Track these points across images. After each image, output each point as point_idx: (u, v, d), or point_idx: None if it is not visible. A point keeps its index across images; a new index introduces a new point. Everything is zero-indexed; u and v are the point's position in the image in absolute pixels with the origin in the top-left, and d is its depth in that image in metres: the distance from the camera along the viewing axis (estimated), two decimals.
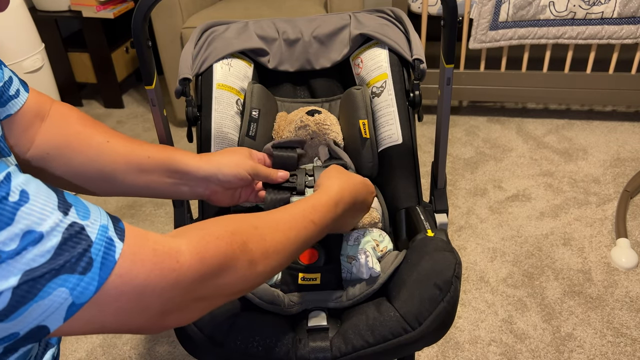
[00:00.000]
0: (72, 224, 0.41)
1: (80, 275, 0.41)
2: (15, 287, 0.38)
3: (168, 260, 0.47)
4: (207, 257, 0.50)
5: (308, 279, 0.85)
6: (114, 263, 0.43)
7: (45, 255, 0.39)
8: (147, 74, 0.93)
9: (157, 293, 0.46)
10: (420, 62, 0.99)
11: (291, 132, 0.99)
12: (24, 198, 0.40)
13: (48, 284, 0.39)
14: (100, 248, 0.42)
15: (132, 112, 2.63)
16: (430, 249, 0.80)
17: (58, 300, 0.40)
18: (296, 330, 0.77)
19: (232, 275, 0.53)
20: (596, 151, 2.13)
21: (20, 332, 0.40)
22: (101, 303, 0.43)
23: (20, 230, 0.38)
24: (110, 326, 0.45)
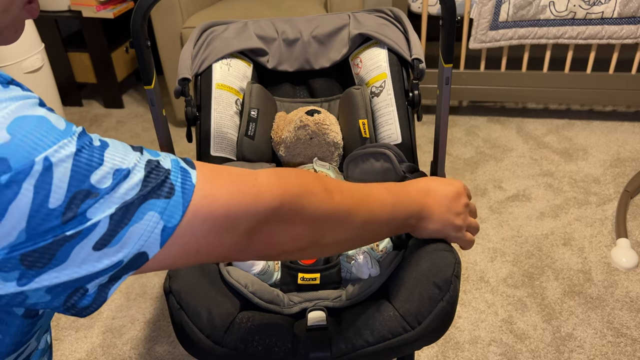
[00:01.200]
0: (149, 160, 0.46)
1: (166, 199, 0.45)
2: (111, 214, 0.43)
3: (247, 179, 0.52)
4: (283, 177, 0.54)
5: (307, 279, 0.85)
6: (193, 186, 0.47)
7: (135, 188, 0.44)
8: (147, 74, 0.93)
9: (243, 208, 0.50)
10: (420, 62, 0.99)
11: (290, 132, 0.99)
12: (104, 144, 0.45)
13: (139, 209, 0.44)
14: (177, 176, 0.47)
15: (132, 112, 2.63)
16: (430, 248, 0.80)
17: (151, 224, 0.45)
18: (296, 329, 0.77)
19: (310, 198, 0.55)
20: (596, 151, 2.12)
21: (123, 260, 0.44)
22: (192, 225, 0.47)
23: (110, 169, 0.43)
24: (204, 250, 0.49)
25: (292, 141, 0.99)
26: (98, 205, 0.42)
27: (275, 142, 1.03)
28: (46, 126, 0.41)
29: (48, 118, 0.42)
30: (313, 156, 1.00)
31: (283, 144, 1.02)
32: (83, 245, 0.42)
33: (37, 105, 0.43)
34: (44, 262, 0.42)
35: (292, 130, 0.99)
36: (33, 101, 0.43)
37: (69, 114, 2.64)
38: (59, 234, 0.41)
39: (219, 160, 1.01)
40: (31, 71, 1.93)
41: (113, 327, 1.48)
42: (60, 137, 0.41)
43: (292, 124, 1.00)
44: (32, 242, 0.40)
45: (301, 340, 0.73)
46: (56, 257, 0.42)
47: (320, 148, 1.00)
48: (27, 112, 0.41)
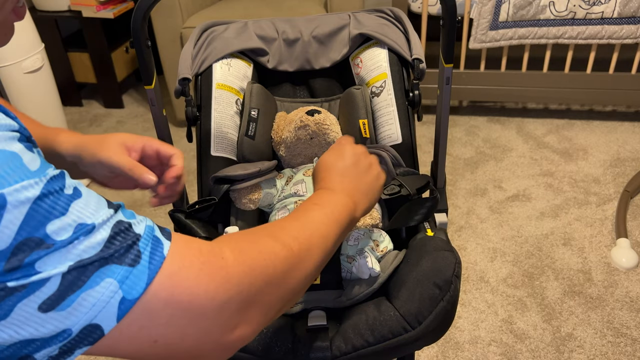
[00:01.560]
0: (120, 221, 0.43)
1: (129, 267, 0.41)
2: (64, 272, 0.38)
3: (214, 258, 0.46)
4: (245, 248, 0.50)
5: None
6: (163, 259, 0.43)
7: (96, 247, 0.40)
8: (147, 73, 0.93)
9: (210, 295, 0.44)
10: (420, 62, 0.98)
11: (291, 132, 0.99)
12: (77, 193, 0.41)
13: (96, 272, 0.40)
14: (147, 243, 0.43)
15: (132, 112, 2.63)
16: (430, 248, 0.80)
17: (107, 293, 0.40)
18: (296, 329, 0.77)
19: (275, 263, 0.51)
20: (596, 151, 2.13)
21: (72, 330, 0.39)
22: (152, 308, 0.42)
23: (73, 221, 0.39)
24: (163, 340, 0.43)
25: (293, 141, 0.99)
26: (50, 258, 0.38)
27: (276, 142, 1.03)
28: (15, 163, 0.38)
29: (20, 156, 0.38)
30: (313, 156, 1.00)
31: (283, 144, 1.02)
32: (27, 302, 0.37)
33: (15, 140, 0.39)
34: None
35: (292, 130, 0.99)
36: (12, 135, 0.39)
37: (69, 114, 2.64)
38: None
39: (219, 160, 1.01)
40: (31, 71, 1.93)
41: None
42: (27, 177, 0.38)
43: (292, 124, 1.00)
44: None
45: (301, 340, 0.73)
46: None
47: (320, 148, 1.00)
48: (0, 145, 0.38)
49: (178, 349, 0.44)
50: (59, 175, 0.41)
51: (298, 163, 1.02)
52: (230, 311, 0.46)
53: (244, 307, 0.47)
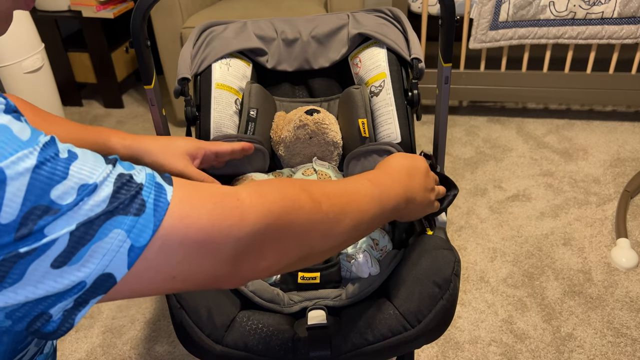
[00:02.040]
0: (121, 174, 0.43)
1: (134, 217, 0.42)
2: (72, 230, 0.39)
3: (228, 199, 0.47)
4: (266, 193, 0.50)
5: (307, 278, 0.85)
6: (167, 204, 0.44)
7: (101, 204, 0.41)
8: (146, 73, 0.94)
9: (225, 232, 0.46)
10: (419, 62, 0.99)
11: (290, 132, 0.99)
12: (73, 155, 0.41)
13: (103, 225, 0.40)
14: (150, 191, 0.43)
15: (132, 112, 2.63)
16: (430, 247, 0.80)
17: (116, 243, 0.41)
18: (296, 328, 0.77)
19: (298, 212, 0.52)
20: (596, 151, 2.12)
21: (86, 281, 0.41)
22: (165, 249, 0.43)
23: (75, 183, 0.40)
24: (181, 277, 0.45)
25: (292, 140, 0.99)
26: (58, 222, 0.39)
27: (275, 141, 1.04)
28: (6, 135, 0.38)
29: (10, 127, 0.38)
30: (312, 155, 1.00)
31: (282, 144, 1.02)
32: (39, 262, 0.39)
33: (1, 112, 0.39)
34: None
35: (291, 130, 0.99)
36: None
37: (69, 114, 2.64)
38: (10, 251, 0.38)
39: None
40: (31, 71, 1.93)
41: (113, 327, 1.48)
42: (21, 147, 0.38)
43: (291, 123, 1.00)
44: None
45: (301, 339, 0.73)
46: (9, 276, 0.38)
47: (319, 147, 1.00)
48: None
49: (195, 279, 0.46)
50: (50, 140, 0.41)
51: (297, 162, 1.02)
52: (246, 245, 0.47)
53: (259, 244, 0.49)
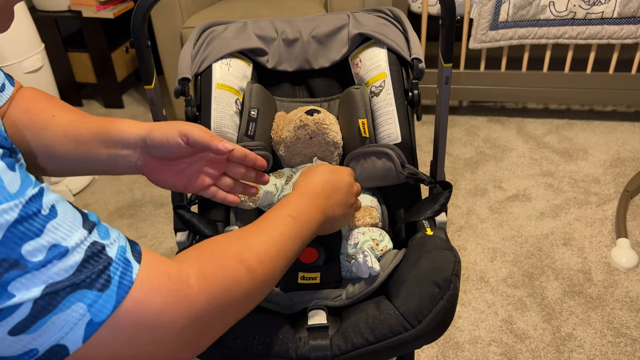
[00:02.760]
0: (94, 242, 0.43)
1: (98, 292, 0.42)
2: (37, 298, 0.39)
3: (180, 285, 0.48)
4: (209, 274, 0.51)
5: (308, 278, 0.85)
6: (131, 283, 0.44)
7: (69, 270, 0.40)
8: (147, 73, 0.93)
9: (173, 321, 0.46)
10: (419, 62, 0.98)
11: (290, 132, 0.99)
12: (53, 213, 0.41)
13: (67, 297, 0.40)
14: (118, 267, 0.44)
15: (132, 112, 2.63)
16: (430, 247, 0.80)
17: (76, 316, 0.41)
18: (296, 328, 0.77)
19: (238, 289, 0.54)
20: (596, 151, 2.13)
21: (39, 350, 0.40)
22: (117, 328, 0.43)
23: (47, 242, 0.40)
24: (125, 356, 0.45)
25: (292, 141, 0.99)
26: (23, 281, 0.38)
27: (275, 141, 1.04)
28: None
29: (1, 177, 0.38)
30: (313, 155, 1.00)
31: (283, 144, 1.02)
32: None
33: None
34: None
35: (291, 130, 0.99)
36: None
37: None
38: None
39: None
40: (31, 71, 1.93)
41: None
42: (5, 200, 0.38)
43: (291, 123, 1.00)
44: None
45: (301, 339, 0.73)
46: None
47: (320, 147, 1.00)
48: None
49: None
50: (37, 194, 0.40)
51: (297, 163, 1.02)
52: (190, 333, 0.48)
53: (202, 330, 0.50)
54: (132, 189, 2.08)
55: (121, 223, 1.91)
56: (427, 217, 0.89)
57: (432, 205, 0.90)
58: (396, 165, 0.93)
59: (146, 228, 1.88)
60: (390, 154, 0.94)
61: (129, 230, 1.87)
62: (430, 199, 0.92)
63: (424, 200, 0.92)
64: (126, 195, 2.06)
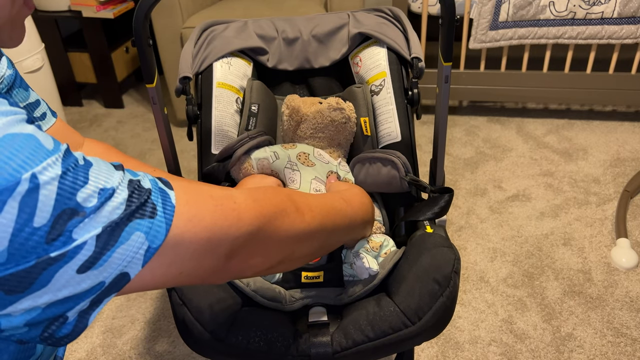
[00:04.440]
0: (131, 180, 0.46)
1: (150, 219, 0.45)
2: (98, 234, 0.42)
3: (226, 201, 0.52)
4: (259, 199, 0.56)
5: (311, 277, 0.85)
6: (173, 208, 0.47)
7: (120, 207, 0.43)
8: (148, 72, 0.94)
9: (224, 231, 0.50)
10: (419, 61, 0.99)
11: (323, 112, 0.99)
12: (88, 163, 0.44)
13: (125, 229, 0.43)
14: (157, 195, 0.47)
15: (132, 112, 2.63)
16: (430, 244, 0.80)
17: (137, 245, 0.44)
18: (297, 325, 0.77)
19: (284, 218, 0.58)
20: (596, 151, 2.13)
21: (105, 281, 0.43)
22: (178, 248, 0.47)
23: (96, 187, 0.42)
24: (186, 272, 0.49)
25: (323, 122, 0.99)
26: (84, 225, 0.41)
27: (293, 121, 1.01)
28: (34, 144, 0.40)
29: (37, 136, 0.41)
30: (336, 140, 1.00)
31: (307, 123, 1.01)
32: (67, 268, 0.41)
33: (24, 122, 0.42)
34: (24, 287, 0.40)
35: (325, 110, 0.99)
36: (21, 117, 0.42)
37: (69, 114, 2.64)
38: (42, 255, 0.39)
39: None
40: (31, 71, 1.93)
41: (113, 327, 1.48)
42: (48, 155, 0.41)
43: (323, 104, 0.99)
44: (14, 263, 0.39)
45: (302, 336, 0.73)
46: (38, 281, 0.40)
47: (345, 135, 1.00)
48: (16, 129, 0.40)
49: (197, 274, 0.51)
50: (68, 148, 0.43)
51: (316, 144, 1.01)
52: (239, 244, 0.53)
53: (250, 244, 0.54)
54: None
55: None
56: (427, 218, 0.89)
57: (431, 208, 0.90)
58: (401, 174, 0.94)
59: None
60: (396, 162, 0.94)
61: None
62: (430, 201, 0.92)
63: (425, 202, 0.93)
64: None
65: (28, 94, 0.71)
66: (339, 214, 0.69)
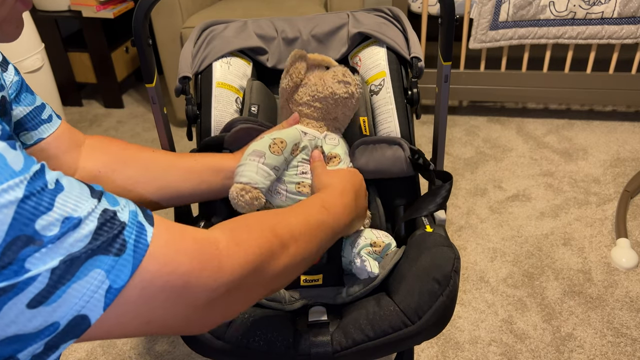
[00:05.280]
0: (105, 209, 0.42)
1: (115, 257, 0.41)
2: (54, 267, 0.38)
3: (208, 247, 0.48)
4: (242, 241, 0.52)
5: (310, 281, 0.85)
6: (147, 246, 0.44)
7: (84, 239, 0.40)
8: (148, 72, 0.94)
9: (202, 282, 0.46)
10: (418, 60, 0.99)
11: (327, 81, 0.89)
12: (59, 187, 0.41)
13: (84, 264, 0.40)
14: (132, 231, 0.43)
15: (132, 112, 2.63)
16: (429, 244, 0.80)
17: (95, 283, 0.40)
18: (297, 325, 0.77)
19: (270, 261, 0.54)
20: (596, 151, 2.13)
21: (60, 322, 0.40)
22: (147, 293, 0.43)
23: (59, 215, 0.39)
24: (157, 321, 0.45)
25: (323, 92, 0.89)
26: (39, 256, 0.38)
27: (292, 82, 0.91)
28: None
29: (4, 155, 0.38)
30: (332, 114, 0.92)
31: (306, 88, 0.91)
32: (16, 301, 0.37)
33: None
34: None
35: (329, 79, 0.89)
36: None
37: (69, 114, 2.64)
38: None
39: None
40: (31, 71, 1.93)
41: None
42: (11, 176, 0.38)
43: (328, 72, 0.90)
44: None
45: (302, 335, 0.73)
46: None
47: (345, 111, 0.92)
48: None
49: (168, 325, 0.46)
50: (40, 170, 0.40)
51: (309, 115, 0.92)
52: (219, 295, 0.48)
53: (231, 293, 0.50)
54: None
55: None
56: (431, 211, 0.89)
57: (433, 199, 0.89)
58: (406, 156, 0.93)
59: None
60: (402, 143, 0.94)
61: None
62: (430, 193, 0.91)
63: (425, 196, 0.92)
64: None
65: (34, 98, 0.71)
66: (321, 229, 0.65)
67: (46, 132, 0.73)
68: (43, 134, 0.72)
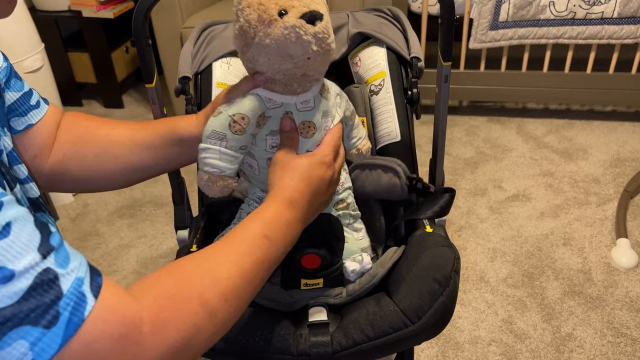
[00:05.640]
0: (47, 269, 0.39)
1: (43, 330, 0.38)
2: None
3: (133, 330, 0.44)
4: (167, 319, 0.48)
5: (311, 285, 0.85)
6: (82, 321, 0.40)
7: (13, 297, 0.37)
8: (148, 72, 0.94)
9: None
10: (418, 60, 0.99)
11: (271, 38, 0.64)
12: (5, 232, 0.38)
13: (9, 333, 0.37)
14: (69, 302, 0.40)
15: (132, 112, 2.63)
16: (429, 244, 0.80)
17: (17, 355, 0.37)
18: (297, 325, 0.77)
19: (195, 338, 0.50)
20: (596, 151, 2.13)
21: None
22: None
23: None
24: None
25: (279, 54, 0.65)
26: None
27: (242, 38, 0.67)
28: None
29: None
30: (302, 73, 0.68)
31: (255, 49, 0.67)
32: None
33: None
34: None
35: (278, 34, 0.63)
36: None
37: None
38: None
39: None
40: (31, 71, 1.93)
41: None
42: None
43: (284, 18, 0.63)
44: None
45: (302, 335, 0.73)
46: None
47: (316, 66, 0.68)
48: None
49: None
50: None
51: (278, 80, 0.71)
52: None
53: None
54: (132, 189, 2.08)
55: (121, 223, 1.91)
56: (427, 217, 0.89)
57: (431, 206, 0.88)
58: (402, 183, 0.91)
59: (146, 228, 1.88)
60: (398, 170, 0.91)
61: (129, 231, 1.87)
62: (430, 199, 0.90)
63: (425, 200, 0.92)
64: (126, 195, 2.06)
65: (22, 84, 0.70)
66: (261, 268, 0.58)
67: (35, 117, 0.71)
68: (32, 120, 0.71)
